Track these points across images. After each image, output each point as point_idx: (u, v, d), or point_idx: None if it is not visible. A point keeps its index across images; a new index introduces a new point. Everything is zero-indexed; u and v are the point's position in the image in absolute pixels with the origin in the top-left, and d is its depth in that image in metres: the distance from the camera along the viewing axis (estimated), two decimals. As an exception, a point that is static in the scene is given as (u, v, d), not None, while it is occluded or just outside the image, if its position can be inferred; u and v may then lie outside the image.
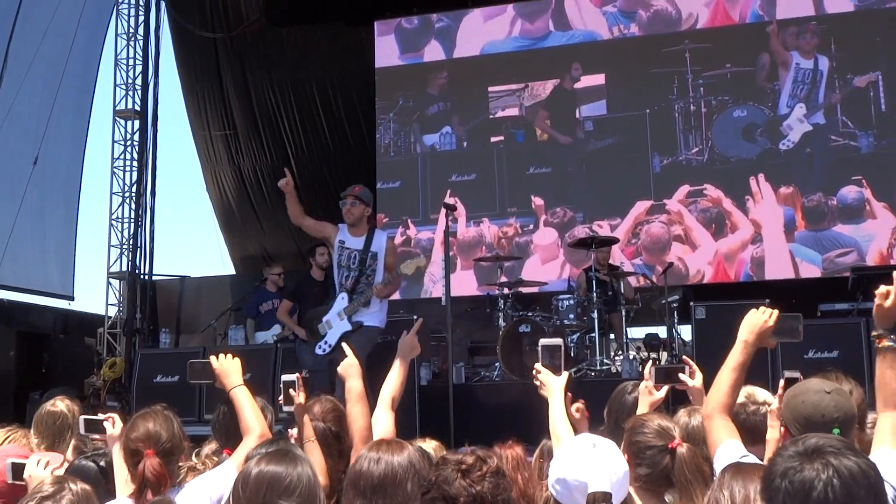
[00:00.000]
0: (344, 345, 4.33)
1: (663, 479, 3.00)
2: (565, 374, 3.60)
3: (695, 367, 4.07)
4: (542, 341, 3.75)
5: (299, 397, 4.05)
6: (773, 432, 3.22)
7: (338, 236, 7.68)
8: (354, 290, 7.50)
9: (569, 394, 3.73)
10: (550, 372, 3.60)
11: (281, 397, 4.11)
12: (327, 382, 6.98)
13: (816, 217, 11.82)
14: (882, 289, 3.35)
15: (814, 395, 3.04)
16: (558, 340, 3.77)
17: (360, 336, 7.33)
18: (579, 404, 4.12)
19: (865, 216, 11.67)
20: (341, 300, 7.54)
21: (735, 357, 3.41)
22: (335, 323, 7.53)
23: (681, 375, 4.02)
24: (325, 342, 7.53)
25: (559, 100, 13.09)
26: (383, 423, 3.99)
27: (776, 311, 3.51)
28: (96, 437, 4.27)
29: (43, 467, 3.57)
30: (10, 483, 3.61)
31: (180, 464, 4.10)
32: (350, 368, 4.14)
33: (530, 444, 3.80)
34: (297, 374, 4.19)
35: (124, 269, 13.34)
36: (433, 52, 13.72)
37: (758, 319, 3.47)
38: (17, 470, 3.64)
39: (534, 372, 3.67)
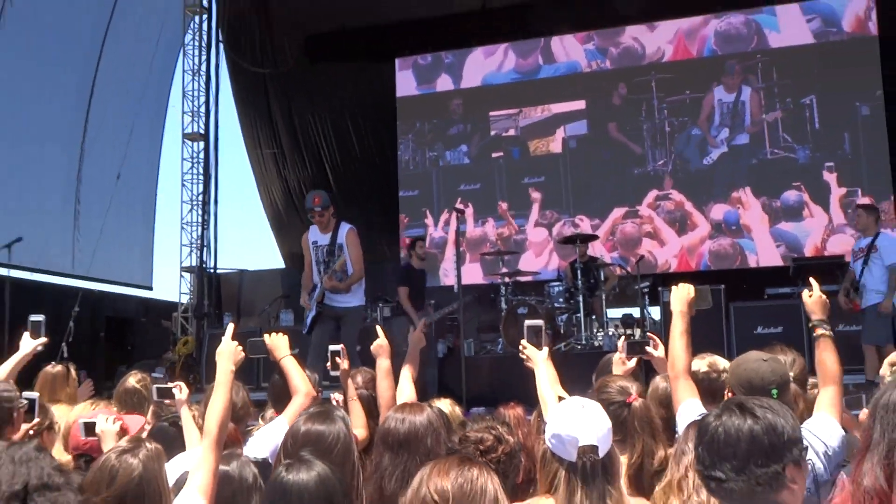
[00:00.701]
0: (378, 328, 4.33)
1: (624, 429, 3.02)
2: (546, 349, 3.63)
3: (658, 341, 4.11)
4: (527, 322, 3.74)
5: (344, 364, 4.12)
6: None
7: (310, 238, 7.56)
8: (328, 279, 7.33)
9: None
10: (534, 347, 3.64)
11: (329, 363, 4.17)
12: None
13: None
14: (805, 291, 3.44)
15: (753, 363, 3.06)
16: (539, 322, 3.76)
17: (352, 318, 7.35)
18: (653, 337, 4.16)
19: (804, 216, 11.71)
20: (314, 290, 7.41)
21: (678, 325, 3.50)
22: (311, 307, 7.44)
23: (647, 348, 4.04)
24: (305, 323, 7.53)
25: (548, 121, 13.09)
26: (407, 391, 4.02)
27: (692, 286, 3.64)
28: (168, 401, 4.30)
29: (112, 423, 3.53)
30: (85, 439, 3.54)
31: (249, 423, 4.19)
32: (380, 349, 4.15)
33: (528, 405, 3.82)
34: (341, 346, 4.24)
35: (194, 264, 13.36)
36: (444, 83, 13.72)
37: (682, 294, 3.61)
38: (89, 427, 3.59)
39: (520, 348, 3.68)
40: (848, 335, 7.98)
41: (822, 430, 2.95)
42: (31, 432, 3.60)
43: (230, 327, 3.36)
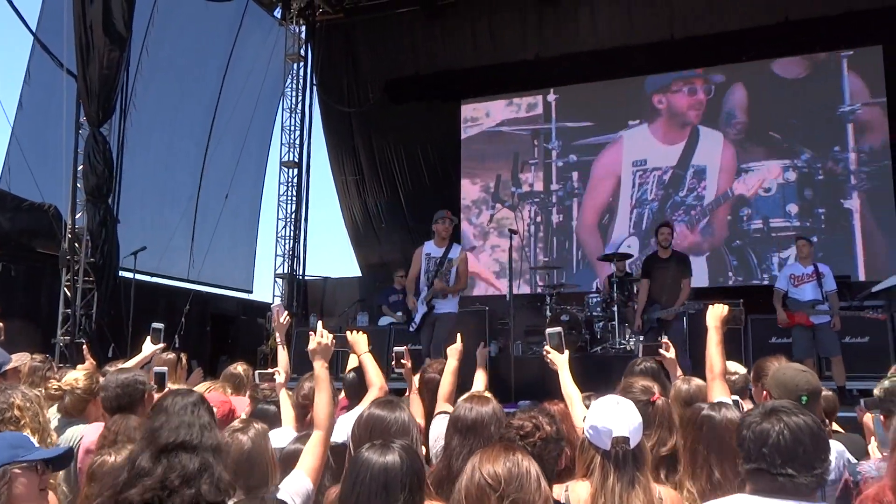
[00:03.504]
0: (459, 336, 4.34)
1: (646, 423, 2.99)
2: (567, 353, 3.61)
3: (670, 344, 4.15)
4: (548, 330, 3.72)
5: (407, 363, 4.11)
6: None
7: (423, 251, 7.73)
8: (432, 284, 7.50)
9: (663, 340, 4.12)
10: (556, 352, 3.61)
11: (394, 362, 4.16)
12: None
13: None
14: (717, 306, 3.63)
15: (792, 371, 3.04)
16: (559, 328, 3.74)
17: (445, 321, 7.41)
18: (666, 341, 4.24)
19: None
20: (422, 292, 7.55)
21: (713, 338, 3.49)
22: (419, 307, 7.57)
23: (660, 351, 4.10)
24: (413, 322, 7.63)
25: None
26: (479, 382, 4.01)
27: (727, 306, 3.62)
28: (265, 385, 4.35)
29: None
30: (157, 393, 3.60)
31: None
32: (454, 352, 4.15)
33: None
34: (405, 346, 4.22)
35: (286, 271, 13.57)
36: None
37: (718, 312, 3.59)
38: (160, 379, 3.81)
39: (544, 353, 3.68)
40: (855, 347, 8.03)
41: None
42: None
43: (319, 325, 3.30)
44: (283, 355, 4.30)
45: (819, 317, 7.79)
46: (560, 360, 3.55)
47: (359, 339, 3.97)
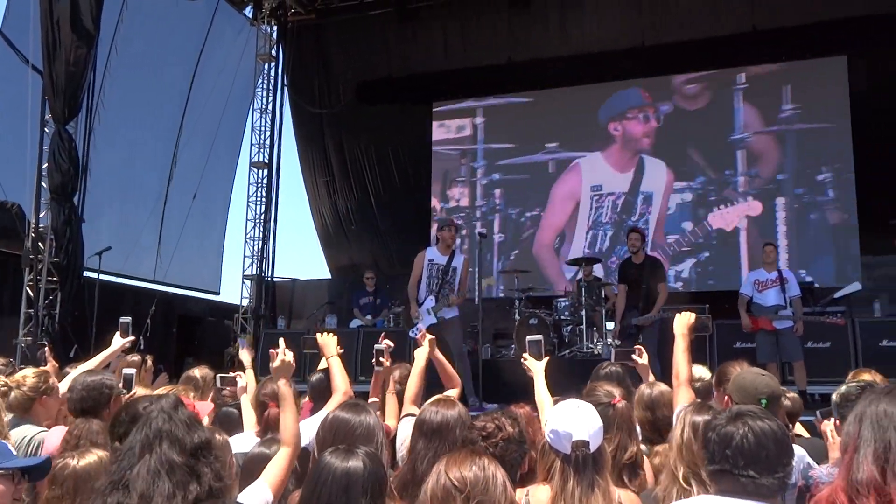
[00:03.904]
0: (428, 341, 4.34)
1: (607, 427, 3.03)
2: (545, 360, 3.67)
3: (643, 350, 4.18)
4: (528, 337, 3.78)
5: (387, 362, 4.09)
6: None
7: (426, 257, 7.75)
8: (439, 295, 7.56)
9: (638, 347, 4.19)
10: (534, 359, 3.67)
11: (374, 360, 4.13)
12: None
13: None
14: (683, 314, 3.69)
15: (752, 375, 3.08)
16: (539, 336, 3.80)
17: (452, 326, 7.56)
18: (639, 347, 4.29)
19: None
20: (430, 301, 7.58)
21: (680, 345, 3.56)
22: (425, 317, 7.56)
23: (633, 356, 4.15)
24: (416, 328, 7.52)
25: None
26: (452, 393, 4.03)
27: (694, 314, 3.70)
28: (227, 389, 4.31)
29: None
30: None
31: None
32: (419, 353, 4.14)
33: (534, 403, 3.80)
34: (384, 345, 4.18)
35: (254, 272, 13.46)
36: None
37: (685, 320, 3.66)
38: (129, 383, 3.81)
39: (522, 359, 3.73)
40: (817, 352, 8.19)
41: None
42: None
43: (281, 342, 3.22)
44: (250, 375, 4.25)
45: (782, 322, 7.91)
46: (536, 367, 3.62)
47: (328, 342, 3.95)
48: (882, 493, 1.74)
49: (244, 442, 3.42)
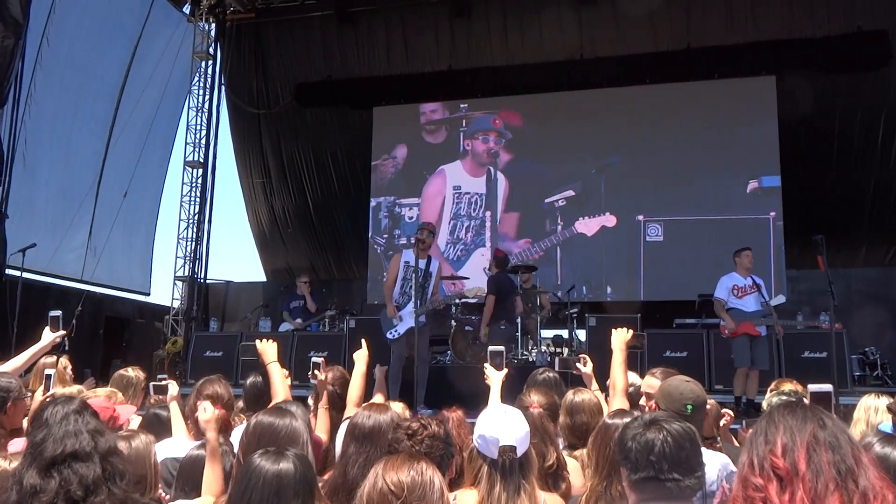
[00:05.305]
0: (363, 341, 4.41)
1: None
2: (504, 370, 3.78)
3: (588, 359, 4.24)
4: (490, 348, 3.90)
5: (322, 375, 4.02)
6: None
7: (402, 259, 7.92)
8: (421, 299, 7.58)
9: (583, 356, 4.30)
10: (495, 368, 3.77)
11: (310, 372, 4.03)
12: (405, 349, 7.69)
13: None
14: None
15: (678, 381, 3.15)
16: (501, 347, 3.91)
17: (424, 333, 7.66)
18: (584, 356, 4.38)
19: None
20: (410, 305, 7.63)
21: (617, 358, 3.76)
22: (406, 319, 7.69)
23: (577, 364, 4.25)
24: (395, 330, 7.72)
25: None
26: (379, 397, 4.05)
27: (631, 330, 3.87)
28: (158, 398, 4.23)
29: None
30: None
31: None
32: (359, 355, 4.24)
33: (470, 409, 3.83)
34: (322, 357, 4.12)
35: (186, 273, 13.22)
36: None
37: (622, 336, 3.85)
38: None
39: (484, 368, 3.83)
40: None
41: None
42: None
43: (208, 405, 3.13)
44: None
45: (762, 328, 7.86)
46: (495, 377, 3.73)
47: (267, 348, 3.92)
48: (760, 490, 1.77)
49: (178, 446, 3.38)
